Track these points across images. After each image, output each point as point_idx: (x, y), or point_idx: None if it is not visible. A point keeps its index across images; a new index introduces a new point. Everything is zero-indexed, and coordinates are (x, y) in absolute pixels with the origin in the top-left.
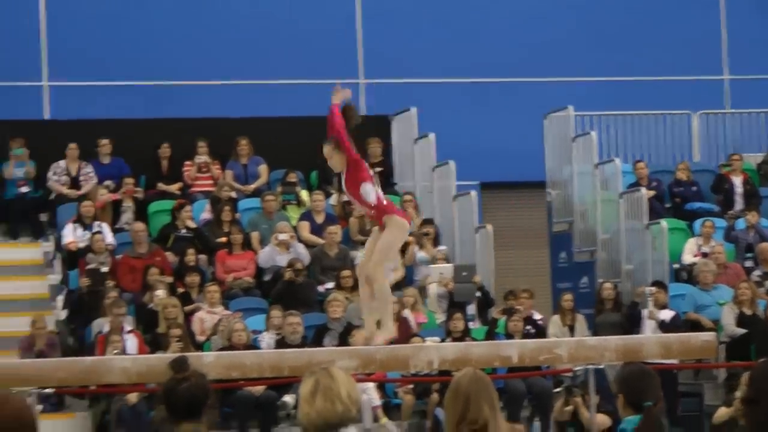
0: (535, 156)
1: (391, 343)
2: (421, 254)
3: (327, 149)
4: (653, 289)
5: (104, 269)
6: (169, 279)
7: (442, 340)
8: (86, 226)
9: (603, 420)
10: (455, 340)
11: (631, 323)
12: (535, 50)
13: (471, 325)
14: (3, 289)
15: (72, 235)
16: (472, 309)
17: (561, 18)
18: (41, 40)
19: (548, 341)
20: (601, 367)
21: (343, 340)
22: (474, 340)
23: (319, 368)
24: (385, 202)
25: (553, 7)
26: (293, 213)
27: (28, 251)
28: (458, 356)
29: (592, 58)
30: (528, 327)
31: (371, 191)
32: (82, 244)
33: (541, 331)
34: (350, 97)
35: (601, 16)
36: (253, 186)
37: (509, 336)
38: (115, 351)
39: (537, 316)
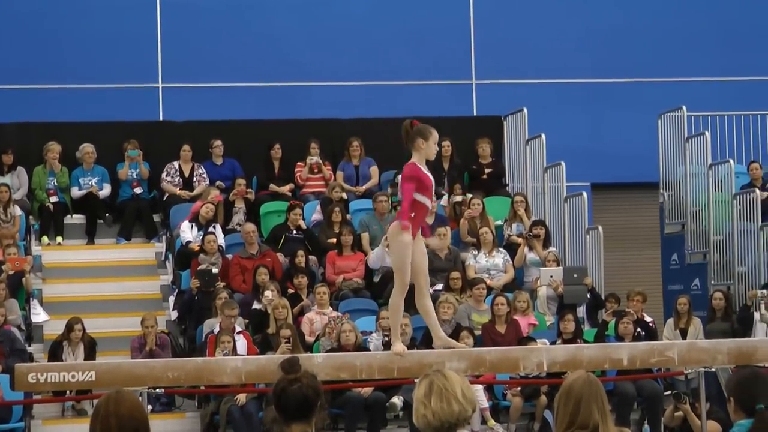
0: (647, 157)
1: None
2: (531, 256)
3: None
4: (765, 292)
5: (215, 270)
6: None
7: (552, 342)
8: (201, 227)
9: (713, 427)
10: (566, 341)
11: (743, 326)
12: (646, 50)
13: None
14: (116, 290)
15: (190, 234)
16: (581, 311)
17: (673, 18)
18: (157, 43)
19: (660, 343)
20: (713, 370)
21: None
22: (585, 341)
23: (432, 370)
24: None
25: (664, 7)
26: None
27: (140, 251)
28: (568, 358)
29: (705, 57)
30: (638, 329)
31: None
32: (195, 245)
33: (651, 334)
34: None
35: (713, 16)
36: (364, 187)
37: (619, 338)
38: (225, 351)
39: (648, 318)
